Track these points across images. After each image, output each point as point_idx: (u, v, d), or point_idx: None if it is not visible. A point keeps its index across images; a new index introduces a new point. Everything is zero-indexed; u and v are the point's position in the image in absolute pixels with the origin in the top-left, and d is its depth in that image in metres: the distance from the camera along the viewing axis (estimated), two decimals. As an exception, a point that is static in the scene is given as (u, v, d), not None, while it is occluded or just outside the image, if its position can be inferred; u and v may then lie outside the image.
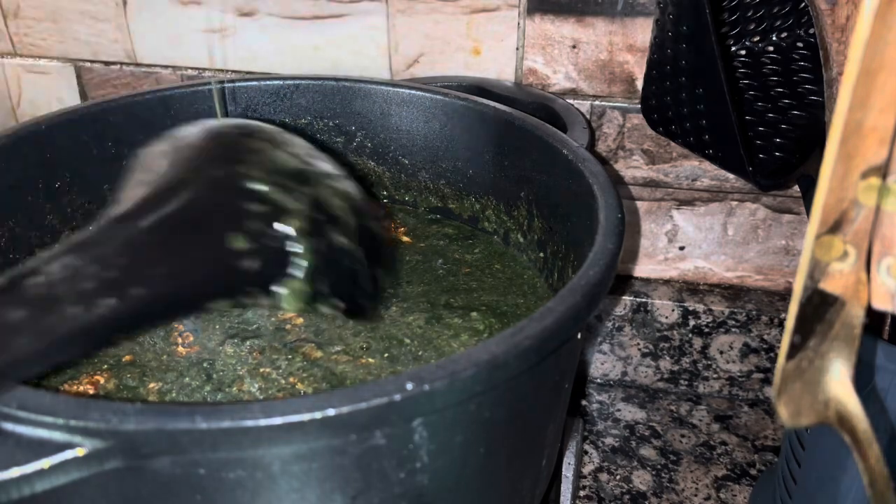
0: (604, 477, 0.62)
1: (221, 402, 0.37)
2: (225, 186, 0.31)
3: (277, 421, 0.25)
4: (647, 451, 0.64)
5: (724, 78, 0.48)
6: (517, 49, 0.62)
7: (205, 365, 0.39)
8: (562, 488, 0.54)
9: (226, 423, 0.25)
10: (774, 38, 0.58)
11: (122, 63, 0.70)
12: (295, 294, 0.31)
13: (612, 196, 0.38)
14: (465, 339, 0.41)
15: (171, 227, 0.29)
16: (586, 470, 0.63)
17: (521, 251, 0.49)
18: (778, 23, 0.57)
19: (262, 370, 0.38)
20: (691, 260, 0.69)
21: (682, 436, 0.66)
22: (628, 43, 0.61)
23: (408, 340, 0.40)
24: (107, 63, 0.70)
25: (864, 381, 0.41)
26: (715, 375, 0.69)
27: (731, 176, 0.64)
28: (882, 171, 0.22)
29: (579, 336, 0.37)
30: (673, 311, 0.67)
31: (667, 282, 0.70)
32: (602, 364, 0.71)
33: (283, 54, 0.66)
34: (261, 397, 0.37)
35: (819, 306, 0.23)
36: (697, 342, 0.68)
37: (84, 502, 0.28)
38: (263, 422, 0.25)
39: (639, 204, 0.67)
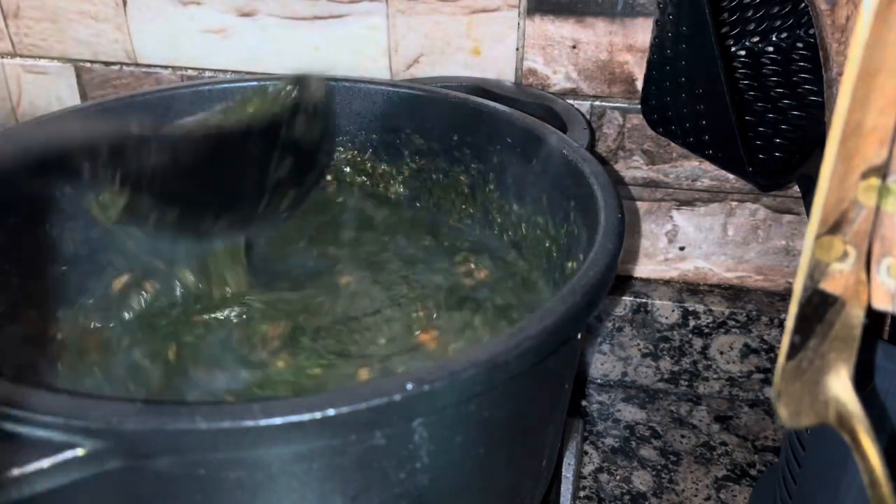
0: (604, 477, 0.62)
1: (221, 402, 0.37)
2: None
3: (277, 421, 0.25)
4: (647, 452, 0.64)
5: (724, 78, 0.48)
6: (517, 49, 0.62)
7: None
8: (562, 489, 0.54)
9: (226, 423, 0.25)
10: (774, 38, 0.58)
11: (122, 63, 0.70)
12: None
13: (612, 196, 0.38)
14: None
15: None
16: (586, 470, 0.63)
17: (521, 250, 0.49)
18: (778, 23, 0.57)
19: None
20: (691, 260, 0.69)
21: (683, 436, 0.66)
22: (628, 43, 0.61)
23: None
24: (107, 63, 0.70)
25: (864, 381, 0.41)
26: (715, 376, 0.69)
27: (731, 176, 0.64)
28: (882, 172, 0.22)
29: (579, 336, 0.37)
30: (673, 311, 0.67)
31: (667, 282, 0.70)
32: (602, 364, 0.71)
33: (283, 54, 0.66)
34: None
35: (819, 306, 0.23)
36: (697, 342, 0.68)
37: (84, 502, 0.28)
38: (263, 422, 0.25)
39: (639, 204, 0.67)
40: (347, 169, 0.54)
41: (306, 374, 0.39)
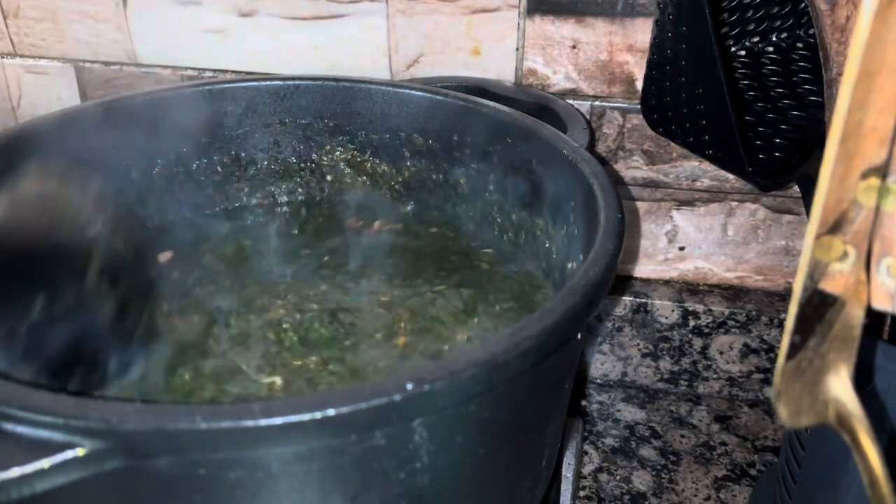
0: (604, 477, 0.62)
1: (221, 402, 0.37)
2: None
3: (277, 421, 0.25)
4: (647, 452, 0.64)
5: (724, 78, 0.48)
6: (517, 49, 0.62)
7: None
8: (562, 488, 0.54)
9: (226, 423, 0.25)
10: (774, 39, 0.58)
11: (122, 63, 0.70)
12: None
13: (612, 196, 0.38)
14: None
15: None
16: (586, 470, 0.63)
17: (521, 251, 0.49)
18: (778, 23, 0.57)
19: None
20: (691, 260, 0.69)
21: (682, 436, 0.66)
22: (628, 43, 0.61)
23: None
24: (107, 63, 0.70)
25: (864, 381, 0.41)
26: (715, 376, 0.69)
27: (731, 176, 0.64)
28: (882, 172, 0.22)
29: (579, 336, 0.37)
30: (673, 311, 0.67)
31: (667, 282, 0.70)
32: (602, 364, 0.71)
33: (283, 54, 0.66)
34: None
35: (819, 306, 0.23)
36: (697, 342, 0.68)
37: (84, 502, 0.28)
38: (263, 422, 0.25)
39: (639, 204, 0.67)
40: (347, 169, 0.54)
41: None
